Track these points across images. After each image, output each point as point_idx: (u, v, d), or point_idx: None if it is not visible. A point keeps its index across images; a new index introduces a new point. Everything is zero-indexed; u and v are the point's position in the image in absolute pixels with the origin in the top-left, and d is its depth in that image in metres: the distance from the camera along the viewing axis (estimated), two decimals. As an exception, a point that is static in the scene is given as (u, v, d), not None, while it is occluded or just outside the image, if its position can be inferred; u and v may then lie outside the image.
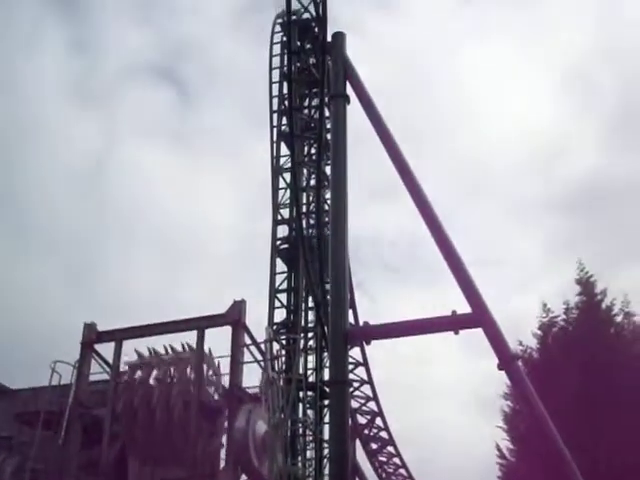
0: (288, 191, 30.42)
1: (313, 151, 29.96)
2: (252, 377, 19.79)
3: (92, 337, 20.81)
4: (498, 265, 57.41)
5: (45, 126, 59.46)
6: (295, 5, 28.83)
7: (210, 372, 19.92)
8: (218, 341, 20.05)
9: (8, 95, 62.89)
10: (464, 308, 7.54)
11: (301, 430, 26.54)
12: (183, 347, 19.71)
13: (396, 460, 27.84)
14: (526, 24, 70.42)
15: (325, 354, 27.45)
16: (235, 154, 64.93)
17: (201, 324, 19.61)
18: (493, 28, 70.53)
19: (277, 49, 33.08)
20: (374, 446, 27.78)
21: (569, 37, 67.46)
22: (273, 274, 29.07)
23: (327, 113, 25.99)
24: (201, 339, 19.51)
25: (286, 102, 30.55)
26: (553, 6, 66.35)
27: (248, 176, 54.97)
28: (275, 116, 31.60)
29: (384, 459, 28.01)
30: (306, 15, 30.27)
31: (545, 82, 71.57)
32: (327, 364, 26.39)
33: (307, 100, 31.42)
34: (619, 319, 23.51)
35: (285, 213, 30.20)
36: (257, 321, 21.68)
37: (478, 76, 66.08)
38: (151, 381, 19.92)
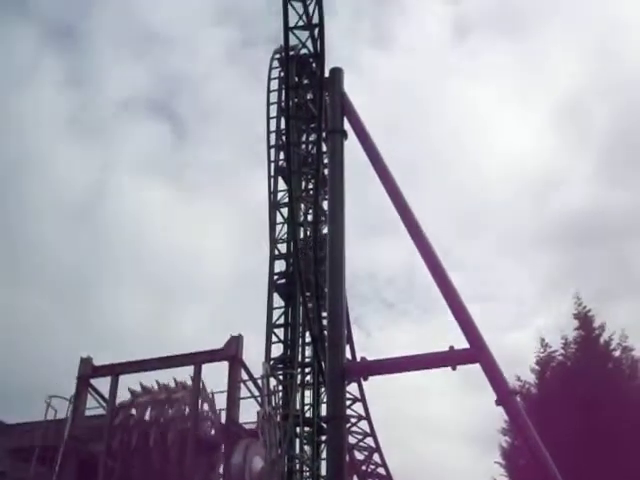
0: (285, 226, 30.50)
1: (310, 186, 30.12)
2: (249, 412, 19.74)
3: (88, 371, 20.73)
4: (492, 300, 57.63)
5: (41, 159, 59.95)
6: (293, 41, 29.21)
7: (207, 407, 19.83)
8: (215, 376, 20.00)
9: (4, 127, 63.30)
10: (460, 343, 7.54)
11: (298, 466, 26.44)
12: (179, 383, 19.64)
13: (393, 496, 27.68)
14: (519, 58, 71.40)
15: (322, 389, 27.39)
16: (230, 189, 65.39)
17: (198, 359, 19.55)
18: (486, 62, 71.26)
19: (275, 84, 33.34)
20: (372, 482, 27.65)
21: (561, 70, 68.18)
22: (270, 309, 29.08)
23: (324, 148, 26.18)
24: (198, 374, 19.44)
25: (284, 137, 30.73)
26: (545, 41, 67.19)
27: (243, 211, 55.36)
28: (273, 151, 31.78)
29: (381, 496, 27.87)
30: (304, 51, 30.66)
31: (538, 115, 72.24)
32: (324, 399, 26.31)
33: (305, 135, 31.63)
34: (617, 354, 23.47)
35: (282, 248, 30.25)
36: (254, 356, 21.66)
37: (471, 109, 66.67)
38: (147, 416, 19.82)
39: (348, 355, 23.17)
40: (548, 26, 68.50)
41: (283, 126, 31.60)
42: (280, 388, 26.83)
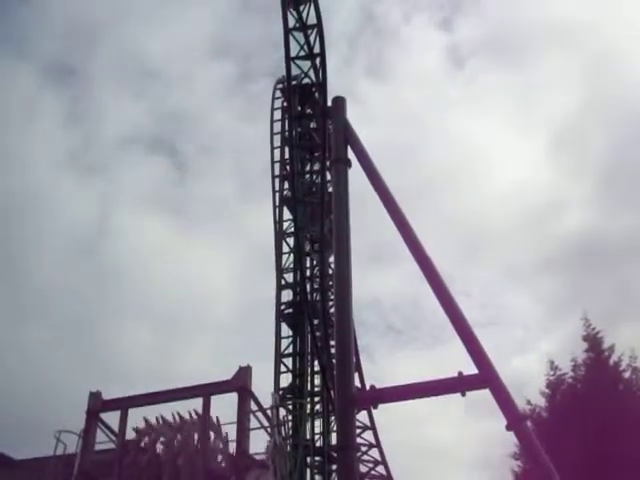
0: (291, 255, 30.50)
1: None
2: (259, 443, 19.65)
3: (97, 405, 20.67)
4: (496, 325, 57.62)
5: (42, 195, 60.21)
6: (295, 70, 29.42)
7: (216, 439, 19.76)
8: (224, 407, 19.94)
9: (5, 164, 63.78)
10: (465, 370, 7.52)
11: (309, 496, 26.28)
12: (189, 415, 19.59)
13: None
14: (515, 85, 71.69)
15: (332, 418, 27.29)
16: (231, 222, 65.52)
17: (207, 391, 19.50)
18: (483, 90, 71.72)
19: (278, 114, 33.51)
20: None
21: (557, 96, 68.54)
22: (278, 338, 29.03)
23: (328, 176, 26.26)
24: (207, 406, 19.39)
25: (288, 167, 30.83)
26: (540, 67, 67.56)
27: (245, 244, 55.51)
28: (277, 181, 31.85)
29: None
30: (306, 80, 30.86)
31: (536, 141, 72.54)
32: (334, 428, 26.21)
33: (309, 164, 31.73)
34: (627, 375, 23.39)
35: (289, 277, 30.26)
36: (263, 386, 21.62)
37: (469, 137, 66.93)
38: (157, 450, 19.75)
39: (357, 383, 23.13)
40: (542, 53, 69.08)
41: (287, 155, 31.72)
42: (290, 418, 26.77)
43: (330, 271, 27.30)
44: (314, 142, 30.83)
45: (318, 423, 28.29)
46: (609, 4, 66.30)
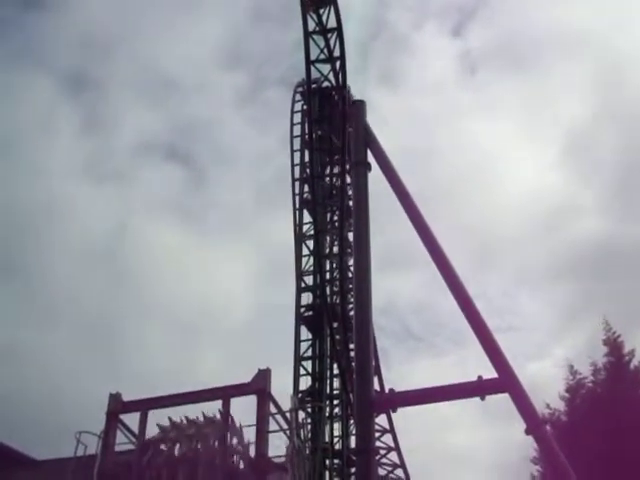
0: (311, 258, 30.48)
1: (335, 218, 30.17)
2: (278, 446, 19.65)
3: (117, 407, 20.73)
4: (510, 331, 57.43)
5: (60, 204, 60.79)
6: (314, 74, 29.46)
7: (235, 442, 19.77)
8: (243, 410, 19.96)
9: (25, 172, 64.40)
10: (481, 374, 7.51)
11: (328, 499, 26.24)
12: (208, 417, 19.61)
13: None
14: (526, 92, 71.54)
15: (351, 421, 27.25)
16: (246, 228, 65.80)
17: (226, 393, 19.51)
18: (496, 96, 71.59)
19: (297, 118, 33.54)
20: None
21: (568, 102, 68.37)
22: (298, 341, 29.00)
23: (348, 180, 26.23)
24: (226, 408, 19.41)
25: (308, 170, 30.84)
26: (550, 73, 67.50)
27: (260, 249, 55.65)
28: (297, 184, 31.84)
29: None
30: (326, 84, 30.90)
31: (547, 148, 72.39)
32: (353, 431, 26.19)
33: (328, 167, 31.73)
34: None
35: (309, 280, 30.23)
36: (279, 389, 21.61)
37: (481, 144, 66.95)
38: (176, 451, 19.78)
39: (376, 387, 23.09)
40: (553, 59, 68.99)
41: (307, 158, 31.75)
42: (309, 421, 26.74)
43: (350, 274, 27.28)
44: (334, 145, 30.81)
45: (337, 426, 28.25)
46: (621, 11, 66.04)
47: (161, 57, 71.44)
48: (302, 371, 28.53)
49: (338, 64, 28.86)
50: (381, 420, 26.27)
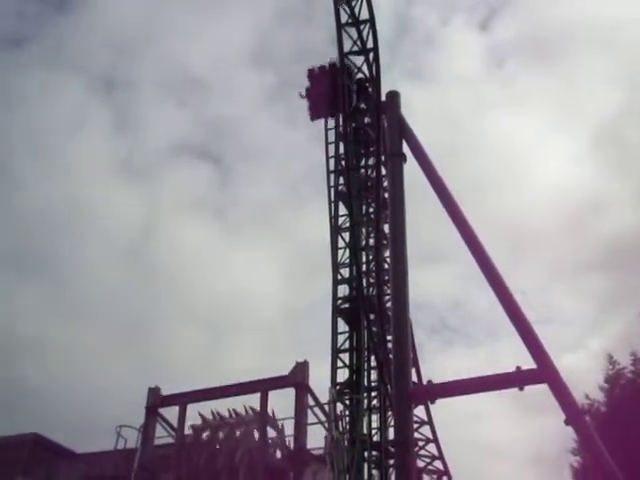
0: (347, 251, 30.45)
1: (371, 210, 30.12)
2: (316, 438, 19.69)
3: (157, 401, 20.90)
4: (543, 324, 57.13)
5: (92, 203, 61.38)
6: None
7: (274, 434, 19.84)
8: (281, 402, 20.02)
9: (57, 172, 65.22)
10: (507, 366, 7.46)
11: (367, 491, 26.24)
12: (248, 409, 19.69)
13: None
14: (554, 85, 70.99)
15: (389, 413, 27.22)
16: (275, 224, 66.10)
17: (264, 386, 19.59)
18: (524, 90, 71.07)
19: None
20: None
21: (597, 95, 67.67)
22: (335, 334, 29.00)
23: (383, 171, 26.16)
24: (265, 401, 19.48)
25: (343, 162, 30.79)
26: (579, 66, 67.01)
27: (289, 245, 55.85)
28: (332, 176, 31.80)
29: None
30: (359, 75, 30.86)
31: (577, 140, 71.80)
32: (392, 423, 26.14)
33: (363, 159, 31.65)
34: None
35: (345, 272, 30.21)
36: (316, 381, 21.66)
37: (510, 138, 66.52)
38: (216, 445, 19.88)
39: (414, 378, 23.05)
40: (581, 52, 68.37)
41: (342, 150, 31.70)
42: (347, 413, 26.76)
43: (386, 265, 27.23)
44: (369, 137, 30.75)
45: (375, 418, 28.22)
46: (649, 2, 65.02)
47: (189, 57, 72.02)
48: (339, 363, 28.53)
49: (371, 56, 28.82)
50: (420, 412, 26.22)
